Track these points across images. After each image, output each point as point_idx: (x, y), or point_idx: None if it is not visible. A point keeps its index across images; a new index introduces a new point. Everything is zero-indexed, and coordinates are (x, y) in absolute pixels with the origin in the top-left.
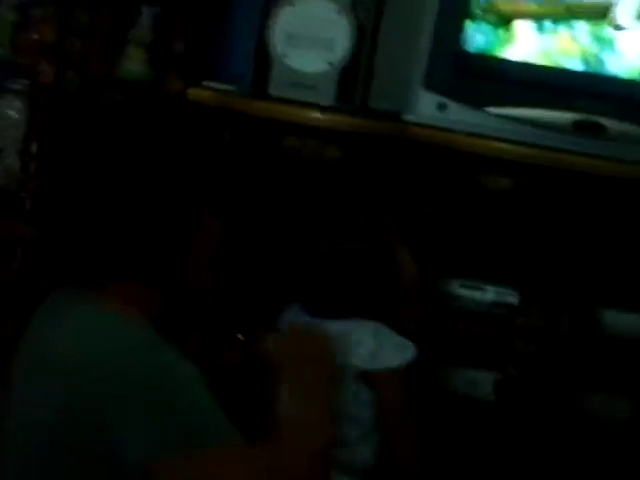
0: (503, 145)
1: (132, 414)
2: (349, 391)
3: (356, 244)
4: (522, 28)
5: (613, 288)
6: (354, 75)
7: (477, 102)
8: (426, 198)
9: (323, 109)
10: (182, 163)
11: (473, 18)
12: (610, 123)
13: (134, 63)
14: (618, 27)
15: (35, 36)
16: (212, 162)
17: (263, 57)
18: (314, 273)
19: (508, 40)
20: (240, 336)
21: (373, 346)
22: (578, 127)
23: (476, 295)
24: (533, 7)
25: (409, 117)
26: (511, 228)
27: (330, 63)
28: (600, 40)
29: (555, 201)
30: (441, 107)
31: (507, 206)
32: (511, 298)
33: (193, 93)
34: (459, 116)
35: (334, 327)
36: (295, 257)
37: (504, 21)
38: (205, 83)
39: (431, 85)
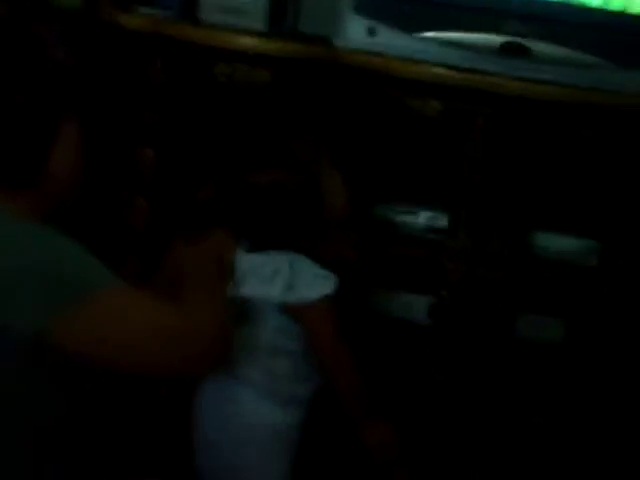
0: (432, 69)
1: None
2: (272, 322)
3: (287, 173)
4: None
5: (545, 210)
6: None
7: (406, 26)
8: (356, 123)
9: (254, 34)
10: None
11: None
12: (537, 45)
13: None
14: None
15: None
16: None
17: None
18: (244, 203)
19: None
20: None
21: (289, 277)
22: (505, 49)
23: (408, 219)
24: None
25: (339, 42)
26: (441, 152)
27: None
28: None
29: (483, 124)
30: (371, 31)
31: (437, 130)
32: (443, 222)
33: (124, 19)
34: (389, 40)
35: (251, 258)
36: (225, 187)
37: None
38: (136, 9)
39: (361, 9)
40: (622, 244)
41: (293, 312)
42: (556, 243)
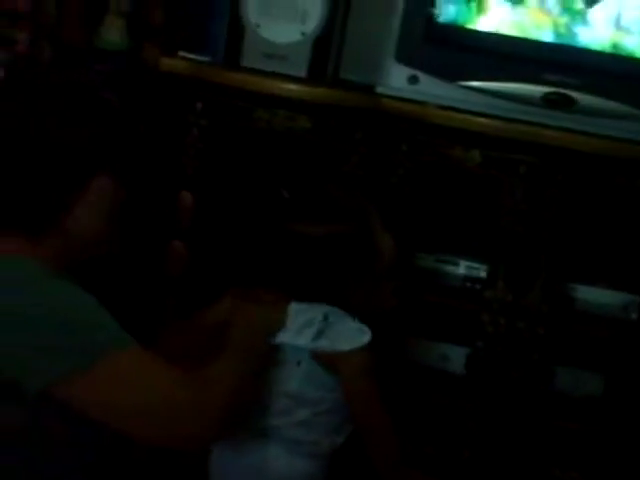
0: (473, 118)
1: (25, 344)
2: (302, 370)
3: (340, 225)
4: None
5: (585, 263)
6: (326, 46)
7: (448, 74)
8: (397, 171)
9: (295, 80)
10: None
11: None
12: (580, 96)
13: (113, 33)
14: None
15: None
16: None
17: (236, 28)
18: (288, 254)
19: (479, 11)
20: None
21: (321, 327)
22: (548, 100)
23: (448, 269)
24: None
25: (380, 89)
26: (482, 202)
27: (303, 34)
28: (571, 12)
29: (525, 175)
30: (412, 79)
31: (477, 180)
32: (482, 272)
33: (167, 63)
34: (430, 88)
35: (292, 308)
36: (268, 237)
37: None
38: (180, 53)
39: (402, 57)
40: None
41: (325, 360)
42: (596, 296)
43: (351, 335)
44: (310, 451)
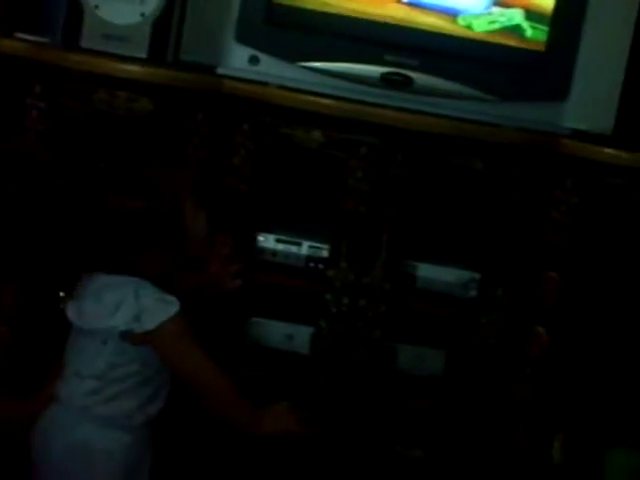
0: (314, 98)
1: None
2: (106, 350)
3: (150, 202)
4: None
5: (426, 242)
6: (166, 27)
7: (288, 55)
8: (239, 151)
9: (135, 61)
10: None
11: None
12: (418, 76)
13: None
14: None
15: None
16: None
17: (75, 8)
18: (100, 226)
19: None
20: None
21: (134, 307)
22: (387, 80)
23: (291, 250)
24: None
25: (221, 70)
26: (323, 182)
27: (142, 14)
28: None
29: (366, 155)
30: (253, 60)
31: (319, 160)
32: (324, 252)
33: (3, 44)
34: (271, 69)
35: (101, 279)
36: (84, 209)
37: None
38: (17, 34)
39: (243, 38)
40: (501, 275)
41: (136, 339)
42: (437, 274)
43: (159, 308)
44: (124, 424)
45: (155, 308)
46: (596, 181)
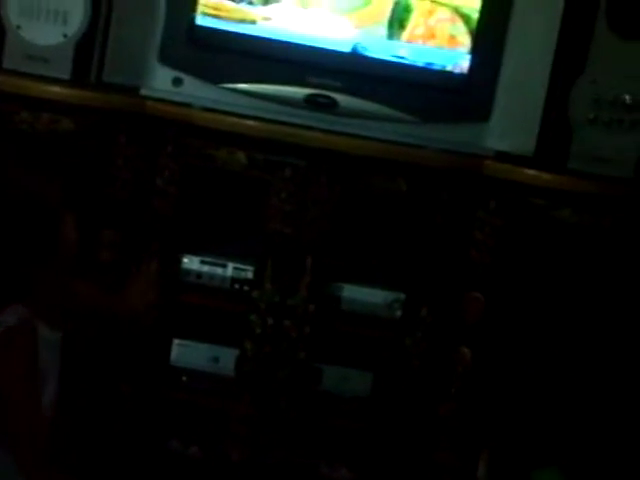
0: (238, 120)
1: None
2: None
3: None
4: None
5: (351, 263)
6: (89, 48)
7: (212, 77)
8: (164, 173)
9: (58, 82)
10: None
11: None
12: (342, 98)
13: None
14: None
15: None
16: None
17: None
18: None
19: (240, 15)
20: None
21: None
22: (311, 102)
23: (216, 271)
24: None
25: (145, 91)
26: (248, 204)
27: (65, 35)
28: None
29: (290, 177)
30: (176, 81)
31: (243, 182)
32: (249, 274)
33: None
34: (195, 91)
35: None
36: None
37: None
38: None
39: (166, 59)
40: (425, 295)
41: None
42: (361, 295)
43: None
44: None
45: None
46: (519, 202)
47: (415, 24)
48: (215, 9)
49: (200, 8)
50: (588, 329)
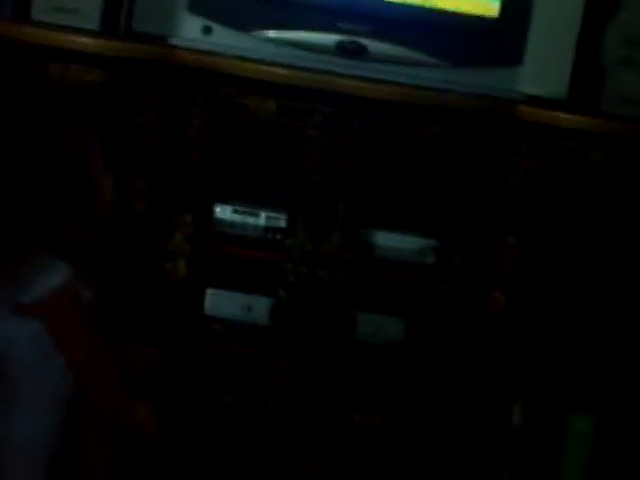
0: (267, 67)
1: None
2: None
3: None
4: None
5: (383, 210)
6: None
7: (242, 25)
8: (194, 123)
9: (88, 33)
10: None
11: None
12: (373, 44)
13: None
14: None
15: None
16: None
17: None
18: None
19: None
20: None
21: (22, 278)
22: (341, 48)
23: (249, 220)
24: None
25: (174, 40)
26: (277, 151)
27: None
28: None
29: (321, 124)
30: (206, 30)
31: (273, 129)
32: (282, 222)
33: None
34: (224, 39)
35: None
36: None
37: None
38: None
39: (196, 8)
40: (458, 242)
41: (25, 310)
42: (394, 242)
43: (44, 277)
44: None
45: (40, 277)
46: (551, 145)
47: None
48: None
49: None
50: (624, 270)
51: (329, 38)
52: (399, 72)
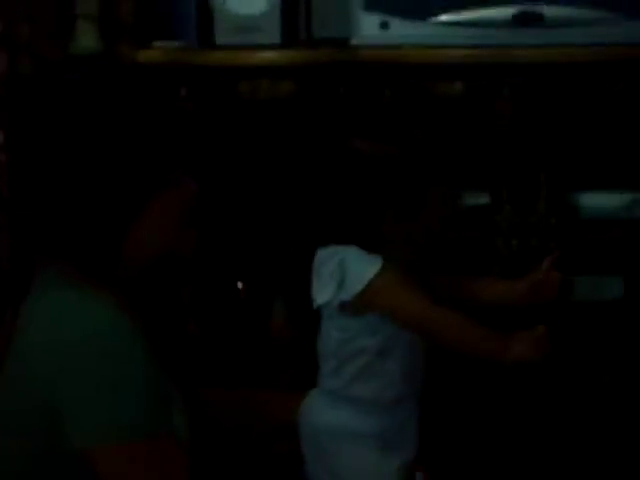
0: (449, 51)
1: (79, 394)
2: (334, 325)
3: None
4: None
5: (582, 170)
6: (295, 9)
7: (417, 14)
8: (386, 115)
9: (271, 47)
10: (135, 134)
11: None
12: (548, 10)
13: (86, 38)
14: None
15: None
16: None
17: (205, 8)
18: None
19: None
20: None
21: (339, 276)
22: (518, 20)
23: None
24: None
25: (355, 41)
26: (471, 131)
27: (269, 1)
28: None
29: (510, 96)
30: (384, 25)
31: (464, 110)
32: (483, 199)
33: (143, 55)
34: (402, 31)
35: (323, 254)
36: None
37: None
38: (154, 44)
39: (370, 5)
40: None
41: (351, 308)
42: (599, 201)
43: (360, 270)
44: (372, 406)
45: (356, 270)
46: None
47: None
48: None
49: None
50: None
51: (504, 11)
52: (575, 33)
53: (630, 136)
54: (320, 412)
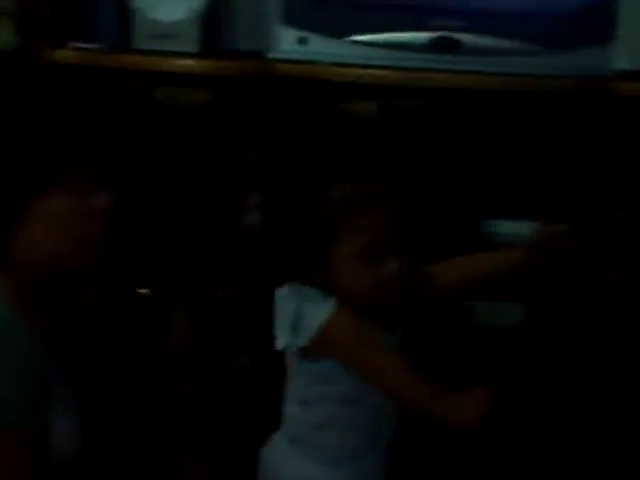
0: (364, 71)
1: None
2: (302, 370)
3: None
4: None
5: (494, 198)
6: (216, 19)
7: (335, 32)
8: (299, 131)
9: (188, 56)
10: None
11: None
12: (465, 37)
13: (3, 33)
14: None
15: None
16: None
17: (124, 12)
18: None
19: None
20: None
21: (293, 319)
22: (435, 45)
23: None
24: None
25: (272, 54)
26: (380, 151)
27: (190, 10)
28: None
29: (424, 120)
30: (302, 41)
31: (376, 130)
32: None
33: (58, 55)
34: (320, 47)
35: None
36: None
37: None
38: (70, 44)
39: (290, 20)
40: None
41: (311, 353)
42: (509, 229)
43: (312, 314)
44: (327, 456)
45: (308, 315)
46: None
47: None
48: None
49: None
50: None
51: (422, 36)
52: (492, 62)
53: (536, 166)
54: (283, 462)
